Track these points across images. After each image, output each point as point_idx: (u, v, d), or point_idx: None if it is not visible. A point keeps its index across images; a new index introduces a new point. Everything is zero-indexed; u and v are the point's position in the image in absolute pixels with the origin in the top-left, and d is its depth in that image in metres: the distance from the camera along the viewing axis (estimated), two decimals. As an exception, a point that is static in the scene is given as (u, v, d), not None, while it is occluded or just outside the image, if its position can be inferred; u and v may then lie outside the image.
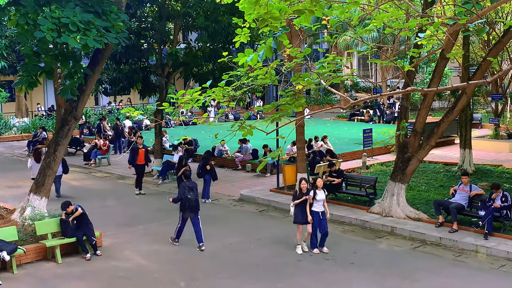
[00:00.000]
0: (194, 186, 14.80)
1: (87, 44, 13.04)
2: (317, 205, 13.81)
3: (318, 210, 13.81)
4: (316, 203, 13.79)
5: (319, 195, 13.81)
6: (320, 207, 13.85)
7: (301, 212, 13.67)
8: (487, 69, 21.30)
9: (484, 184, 18.92)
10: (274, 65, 9.67)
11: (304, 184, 13.69)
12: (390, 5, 10.63)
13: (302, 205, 13.69)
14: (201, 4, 22.51)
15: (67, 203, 14.09)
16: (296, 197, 13.78)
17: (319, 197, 13.80)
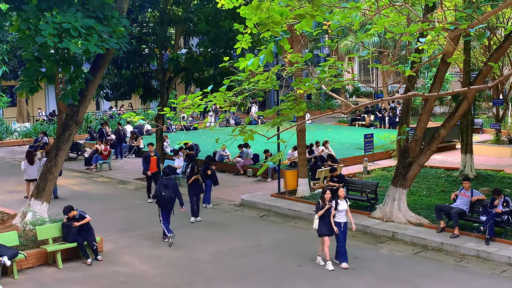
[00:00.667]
0: (171, 184, 15.36)
1: (89, 49, 13.06)
2: (340, 216, 13.27)
3: (341, 220, 13.28)
4: (338, 213, 13.23)
5: (341, 205, 13.29)
6: (343, 218, 13.32)
7: (325, 224, 13.08)
8: (488, 74, 21.31)
9: (486, 189, 18.89)
10: (275, 70, 9.68)
11: (328, 194, 13.15)
12: (391, 10, 10.63)
13: (326, 216, 13.10)
14: (202, 9, 22.57)
15: (70, 208, 14.07)
16: (319, 208, 13.18)
17: (342, 207, 13.28)
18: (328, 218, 13.10)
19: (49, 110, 42.66)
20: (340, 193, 13.37)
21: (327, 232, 13.08)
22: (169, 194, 15.11)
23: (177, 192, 15.53)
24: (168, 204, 15.16)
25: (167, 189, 15.13)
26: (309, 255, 14.04)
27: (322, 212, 13.07)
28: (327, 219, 13.10)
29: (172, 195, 15.18)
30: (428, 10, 14.20)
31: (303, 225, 16.90)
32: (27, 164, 19.69)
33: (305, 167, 19.93)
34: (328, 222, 13.09)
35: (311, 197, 19.36)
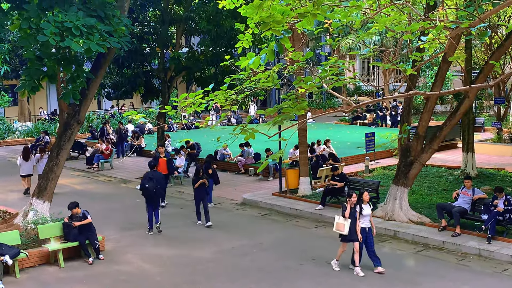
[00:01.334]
0: (156, 176, 16.23)
1: (90, 48, 13.06)
2: (364, 221, 12.75)
3: (365, 226, 12.78)
4: (362, 218, 12.72)
5: (365, 209, 12.74)
6: (367, 223, 12.83)
7: (351, 229, 12.52)
8: (490, 73, 21.29)
9: (487, 187, 18.88)
10: (276, 69, 9.67)
11: (354, 197, 12.64)
12: (392, 9, 10.63)
13: (352, 221, 12.54)
14: (203, 8, 22.58)
15: (75, 204, 14.10)
16: (345, 210, 12.61)
17: (365, 212, 12.74)
18: (354, 223, 12.53)
19: (51, 109, 42.71)
20: (365, 197, 12.79)
21: (350, 238, 12.57)
22: (153, 186, 15.85)
23: (162, 184, 16.43)
24: (152, 196, 15.95)
25: (151, 181, 15.91)
26: (310, 254, 14.05)
27: (348, 211, 12.52)
28: (352, 224, 12.52)
29: (156, 187, 15.93)
30: (429, 8, 14.19)
31: (305, 224, 16.92)
32: (22, 160, 20.64)
33: (307, 166, 19.92)
34: (353, 227, 12.51)
35: (312, 196, 19.36)
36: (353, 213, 12.54)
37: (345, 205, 12.70)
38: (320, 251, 14.30)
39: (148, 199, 16.09)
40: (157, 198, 16.14)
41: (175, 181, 22.87)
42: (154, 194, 15.97)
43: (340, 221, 12.63)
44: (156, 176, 16.26)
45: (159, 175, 16.55)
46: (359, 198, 12.78)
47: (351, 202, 12.61)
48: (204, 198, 16.85)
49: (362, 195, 12.85)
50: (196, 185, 16.72)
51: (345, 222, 12.51)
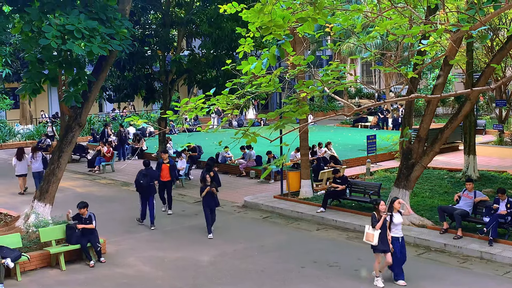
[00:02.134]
0: (149, 173, 17.11)
1: (92, 51, 13.08)
2: (396, 230, 12.13)
3: (398, 235, 12.15)
4: (394, 227, 12.10)
5: (396, 218, 12.13)
6: (399, 232, 12.18)
7: (381, 239, 11.93)
8: (491, 76, 21.27)
9: (489, 190, 18.88)
10: (277, 73, 9.68)
11: (382, 205, 12.03)
12: (393, 12, 10.64)
13: (383, 231, 11.92)
14: (204, 11, 22.62)
15: (84, 205, 14.15)
16: (376, 221, 11.95)
17: (397, 221, 12.12)
18: (384, 233, 11.93)
19: (52, 112, 42.75)
20: (396, 205, 12.21)
21: (382, 248, 11.94)
22: (147, 182, 16.90)
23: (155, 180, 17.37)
24: (146, 191, 16.99)
25: (145, 177, 16.92)
26: (312, 257, 14.05)
27: (380, 223, 11.85)
28: (383, 234, 11.91)
29: (150, 183, 16.98)
30: (430, 12, 14.20)
31: (306, 226, 16.91)
32: (17, 161, 21.61)
33: (308, 168, 19.92)
34: (384, 237, 11.92)
35: (314, 198, 19.36)
36: (384, 223, 11.94)
37: (374, 215, 12.04)
38: (321, 254, 14.30)
39: (142, 194, 17.12)
40: (152, 193, 17.07)
41: (177, 184, 22.87)
42: (148, 190, 16.97)
43: (370, 231, 12.03)
44: (150, 173, 17.14)
45: (153, 172, 17.35)
46: (390, 206, 12.27)
47: (380, 211, 11.97)
48: (213, 208, 16.11)
49: (393, 203, 12.26)
50: (204, 194, 15.98)
51: (374, 232, 11.91)
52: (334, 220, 16.97)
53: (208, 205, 15.99)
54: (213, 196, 16.02)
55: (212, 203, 16.05)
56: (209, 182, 16.04)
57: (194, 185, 22.68)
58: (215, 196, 16.11)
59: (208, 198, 15.93)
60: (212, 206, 16.08)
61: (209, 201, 15.96)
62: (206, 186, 16.01)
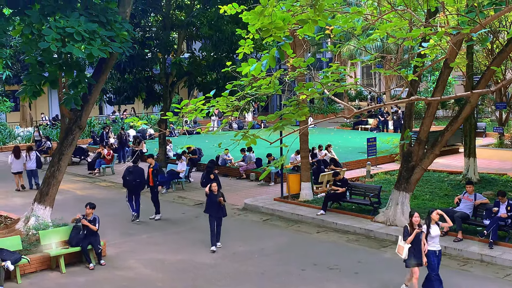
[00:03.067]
0: (135, 170, 17.79)
1: (92, 54, 13.09)
2: (433, 243, 11.41)
3: (435, 248, 11.42)
4: (430, 240, 11.40)
5: (433, 230, 11.44)
6: (437, 245, 11.46)
7: (415, 252, 11.29)
8: (491, 78, 21.25)
9: (489, 193, 18.86)
10: (277, 75, 9.68)
11: (416, 217, 11.35)
12: (393, 15, 10.64)
13: (417, 244, 11.28)
14: (205, 13, 22.63)
15: (93, 205, 14.22)
16: (407, 234, 11.35)
17: (434, 233, 11.43)
18: (418, 246, 11.28)
19: (52, 115, 42.77)
20: (434, 216, 11.50)
21: (416, 261, 11.31)
22: (133, 179, 17.64)
23: (142, 178, 17.87)
24: (132, 188, 17.69)
25: (131, 174, 17.68)
26: (312, 260, 14.04)
27: (411, 238, 11.24)
28: (416, 247, 11.27)
29: (137, 180, 17.67)
30: (431, 14, 14.21)
31: (306, 229, 16.90)
32: (13, 158, 22.59)
33: (308, 171, 19.92)
34: (418, 250, 11.29)
35: (314, 201, 19.35)
36: (418, 235, 11.29)
37: (407, 227, 11.45)
38: (321, 257, 14.28)
39: (129, 190, 17.80)
40: (138, 190, 17.81)
41: (177, 186, 22.88)
42: (134, 186, 17.69)
43: (401, 243, 11.46)
44: (136, 171, 17.82)
45: (139, 170, 17.91)
46: (427, 217, 11.58)
47: (414, 223, 11.32)
48: (220, 218, 15.07)
49: (431, 214, 11.57)
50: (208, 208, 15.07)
51: (405, 246, 11.32)
52: (334, 223, 16.96)
53: (214, 215, 14.93)
54: (219, 206, 14.95)
55: (219, 212, 14.98)
56: (215, 192, 14.90)
57: (194, 188, 22.68)
58: (222, 206, 15.00)
59: (214, 208, 14.89)
60: (218, 215, 15.00)
61: (215, 212, 14.91)
62: (214, 195, 14.88)
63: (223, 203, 15.02)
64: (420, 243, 11.28)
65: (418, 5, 12.23)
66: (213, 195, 14.89)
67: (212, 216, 14.96)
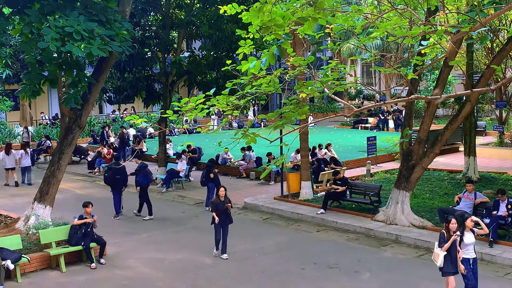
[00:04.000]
0: (115, 168, 18.41)
1: (91, 53, 13.08)
2: (467, 251, 10.92)
3: (469, 256, 10.93)
4: (464, 248, 10.90)
5: (468, 237, 10.94)
6: (471, 253, 10.97)
7: (451, 260, 10.78)
8: (491, 77, 21.23)
9: (489, 191, 18.87)
10: (277, 74, 9.68)
11: (453, 223, 10.84)
12: (394, 14, 10.64)
13: (453, 251, 10.78)
14: (204, 12, 22.60)
15: (89, 203, 14.27)
16: (444, 241, 10.82)
17: (469, 240, 10.92)
18: (455, 253, 10.81)
19: (52, 114, 42.75)
20: (468, 223, 10.95)
21: (453, 270, 10.81)
22: (112, 175, 18.35)
23: (121, 175, 18.45)
24: (112, 184, 18.45)
25: (110, 171, 18.50)
26: (312, 258, 14.04)
27: (448, 245, 10.72)
28: (453, 254, 10.79)
29: (116, 177, 18.27)
30: (431, 13, 14.20)
31: (306, 228, 16.90)
32: (4, 155, 23.35)
33: (308, 170, 19.92)
34: (454, 258, 10.81)
35: (314, 200, 19.35)
36: (454, 241, 10.81)
37: (443, 234, 10.93)
38: (321, 256, 14.29)
39: (111, 187, 18.55)
40: (119, 186, 18.42)
41: (177, 186, 22.87)
42: (114, 183, 18.36)
43: (437, 250, 10.97)
44: (116, 168, 18.45)
45: (119, 167, 18.51)
46: (461, 223, 10.96)
47: (450, 230, 10.85)
48: (226, 226, 14.40)
49: (465, 221, 10.98)
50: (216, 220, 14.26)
51: (440, 253, 10.81)
52: (334, 222, 16.96)
53: (220, 221, 14.28)
54: (226, 212, 14.34)
55: (225, 220, 14.36)
56: (222, 197, 14.28)
57: (194, 187, 22.68)
58: (228, 212, 14.40)
59: (220, 214, 14.27)
60: (224, 223, 14.35)
61: (221, 218, 14.27)
62: (220, 202, 14.28)
63: (231, 208, 14.43)
64: (456, 251, 10.80)
65: (418, 4, 12.23)
66: (220, 202, 14.24)
67: (219, 223, 14.27)
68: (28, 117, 41.02)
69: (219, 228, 14.30)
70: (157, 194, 21.97)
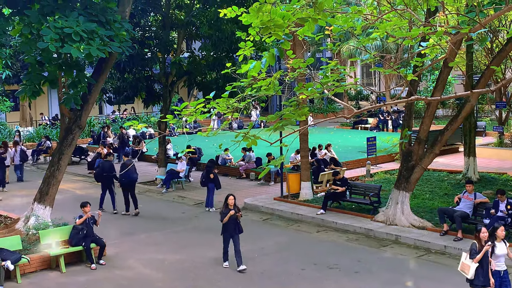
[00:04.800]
0: (105, 165, 19.07)
1: (91, 53, 13.07)
2: (498, 262, 10.45)
3: (500, 268, 10.44)
4: (495, 259, 10.41)
5: (499, 248, 10.44)
6: (502, 265, 10.49)
7: (482, 272, 10.21)
8: (491, 77, 21.24)
9: (489, 192, 18.87)
10: (277, 76, 9.68)
11: (484, 232, 10.33)
12: (393, 15, 10.64)
13: (484, 262, 10.23)
14: (204, 13, 22.60)
15: (87, 203, 14.29)
16: (476, 252, 10.25)
17: (500, 251, 10.44)
18: (486, 265, 10.26)
19: (52, 114, 42.74)
20: (500, 234, 10.45)
21: (484, 283, 10.23)
22: (100, 172, 19.13)
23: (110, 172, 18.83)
24: (101, 181, 19.12)
25: (98, 167, 19.60)
26: (312, 259, 14.04)
27: (480, 256, 10.16)
28: (485, 266, 10.23)
29: (103, 174, 18.83)
30: (430, 14, 14.21)
31: (306, 228, 16.90)
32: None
33: (308, 170, 19.92)
34: (485, 269, 10.24)
35: (314, 200, 19.36)
36: (486, 252, 10.29)
37: (475, 244, 10.35)
38: (321, 256, 14.29)
39: (101, 183, 19.11)
40: (108, 183, 18.86)
41: (177, 186, 22.88)
42: (103, 180, 18.92)
43: (467, 261, 10.36)
44: (105, 165, 19.05)
45: (108, 164, 19.06)
46: (492, 233, 10.50)
47: (481, 240, 10.32)
48: (236, 236, 13.45)
49: (495, 230, 10.51)
50: (226, 219, 13.34)
51: (471, 265, 10.23)
52: (334, 222, 16.97)
53: (229, 231, 13.44)
54: (235, 222, 13.43)
55: (235, 229, 13.43)
56: (231, 206, 13.41)
57: (194, 187, 22.69)
58: (238, 221, 13.48)
59: (229, 224, 13.38)
60: (234, 232, 13.43)
61: (230, 227, 13.41)
62: (228, 210, 13.36)
63: (240, 218, 13.55)
64: (488, 261, 10.27)
65: (418, 5, 12.23)
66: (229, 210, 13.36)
67: (228, 233, 13.46)
68: (28, 118, 41.01)
69: (228, 238, 13.51)
70: (157, 194, 21.97)
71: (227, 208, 13.39)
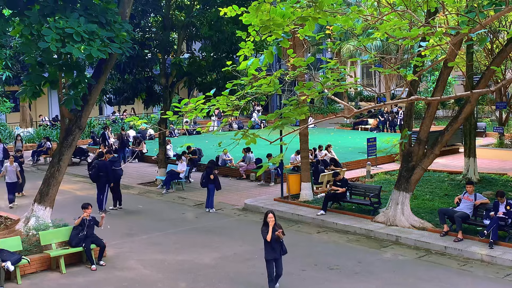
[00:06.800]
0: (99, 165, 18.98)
1: (91, 54, 13.08)
2: None
3: None
4: None
5: None
6: None
7: None
8: (491, 78, 21.24)
9: (489, 192, 18.85)
10: (277, 74, 9.67)
11: None
12: (393, 16, 10.64)
13: None
14: (204, 14, 22.61)
15: (88, 204, 14.29)
16: None
17: None
18: None
19: (52, 115, 42.73)
20: None
21: None
22: (96, 172, 19.01)
23: (104, 172, 18.84)
24: (96, 181, 19.16)
25: (93, 168, 19.23)
26: (312, 260, 14.03)
27: None
28: None
29: (99, 174, 18.84)
30: (430, 15, 14.21)
31: (307, 229, 16.89)
32: None
33: (308, 171, 19.91)
34: None
35: (314, 201, 19.35)
36: None
37: None
38: (321, 257, 14.28)
39: (96, 183, 19.19)
40: (103, 183, 18.88)
41: (177, 187, 22.87)
42: (98, 179, 18.95)
43: None
44: (100, 165, 18.98)
45: (103, 164, 19.03)
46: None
47: None
48: (280, 256, 11.89)
49: None
50: (269, 237, 11.67)
51: None
52: (335, 223, 16.96)
53: (272, 253, 11.79)
54: (278, 241, 11.78)
55: (277, 250, 11.81)
56: (272, 222, 11.67)
57: (194, 188, 22.68)
58: (281, 241, 11.82)
59: (272, 245, 11.76)
60: (277, 255, 11.84)
61: (272, 249, 11.79)
62: (267, 227, 11.78)
63: (282, 237, 11.77)
64: None
65: (418, 6, 12.23)
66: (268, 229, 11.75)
67: (271, 256, 11.79)
68: (28, 119, 41.01)
69: (272, 263, 11.84)
70: (157, 195, 21.97)
71: (267, 226, 11.76)
